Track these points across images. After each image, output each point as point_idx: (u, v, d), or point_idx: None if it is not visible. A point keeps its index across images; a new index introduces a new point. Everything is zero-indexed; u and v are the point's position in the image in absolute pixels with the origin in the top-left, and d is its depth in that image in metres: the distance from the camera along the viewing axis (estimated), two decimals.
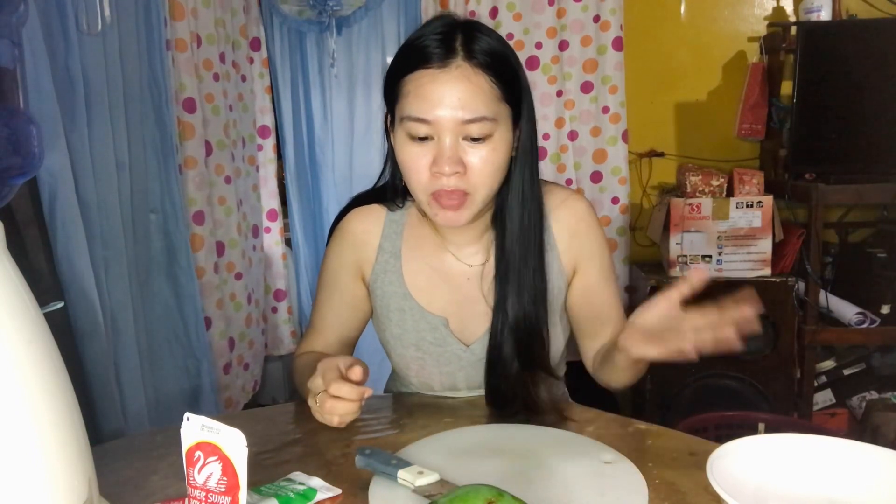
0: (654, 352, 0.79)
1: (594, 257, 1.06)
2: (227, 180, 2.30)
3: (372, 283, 1.09)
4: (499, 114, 0.92)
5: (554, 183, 1.10)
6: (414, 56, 0.93)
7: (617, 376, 1.00)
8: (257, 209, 2.63)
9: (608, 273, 1.08)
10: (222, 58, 2.29)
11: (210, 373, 2.08)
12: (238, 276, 2.37)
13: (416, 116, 0.91)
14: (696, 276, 0.80)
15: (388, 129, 1.02)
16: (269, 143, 2.68)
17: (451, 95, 0.89)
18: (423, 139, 0.92)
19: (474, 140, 0.91)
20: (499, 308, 1.00)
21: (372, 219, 1.09)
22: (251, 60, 2.59)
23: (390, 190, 1.07)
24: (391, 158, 1.04)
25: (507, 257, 1.00)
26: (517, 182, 0.99)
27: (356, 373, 0.83)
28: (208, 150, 2.20)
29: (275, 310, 2.76)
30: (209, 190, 2.19)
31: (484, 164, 0.92)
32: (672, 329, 0.79)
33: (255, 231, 2.60)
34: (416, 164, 0.93)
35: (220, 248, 2.28)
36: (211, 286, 2.17)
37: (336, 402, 0.82)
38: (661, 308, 0.81)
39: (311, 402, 0.88)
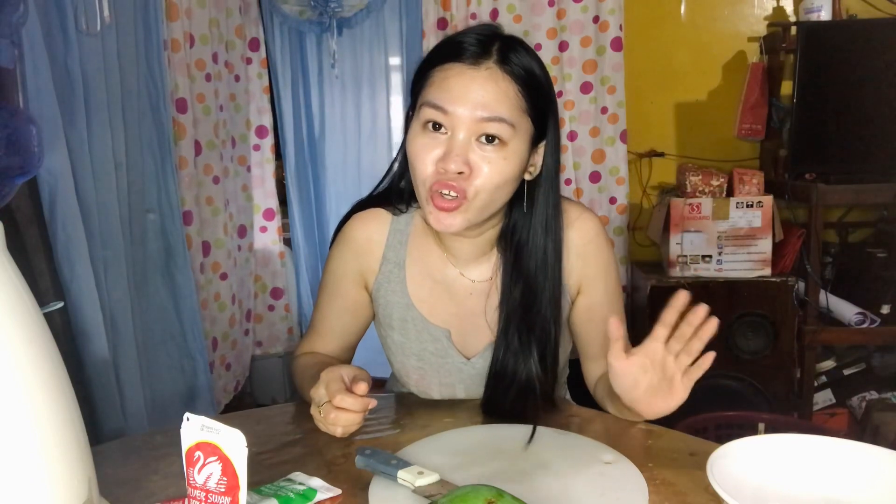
0: (668, 407, 0.86)
1: (600, 279, 1.04)
2: (216, 180, 2.31)
3: (375, 292, 1.08)
4: (519, 124, 0.90)
5: (565, 197, 1.07)
6: (448, 49, 0.92)
7: (623, 416, 0.98)
8: (247, 209, 2.63)
9: (613, 296, 1.06)
10: (215, 58, 2.30)
11: (206, 371, 2.08)
12: (223, 277, 2.38)
13: (435, 103, 0.89)
14: (681, 299, 0.82)
15: (407, 124, 1.00)
16: (267, 143, 2.68)
17: (475, 93, 0.88)
18: (436, 131, 0.90)
19: (488, 144, 0.89)
20: (503, 335, 0.99)
21: (376, 227, 1.07)
22: (248, 61, 2.59)
23: (395, 193, 1.06)
24: (402, 158, 1.03)
25: (528, 285, 0.98)
26: (542, 207, 0.97)
27: (361, 388, 0.83)
28: (198, 149, 2.21)
29: (272, 308, 2.76)
30: (198, 190, 2.20)
31: (492, 171, 0.89)
32: (661, 370, 0.84)
33: (243, 231, 2.59)
34: (424, 156, 0.91)
35: (206, 248, 2.28)
36: (196, 286, 2.18)
37: (340, 414, 0.82)
38: (643, 360, 0.85)
39: (314, 411, 0.87)
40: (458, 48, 0.91)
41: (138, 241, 1.87)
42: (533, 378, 0.97)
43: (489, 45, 0.90)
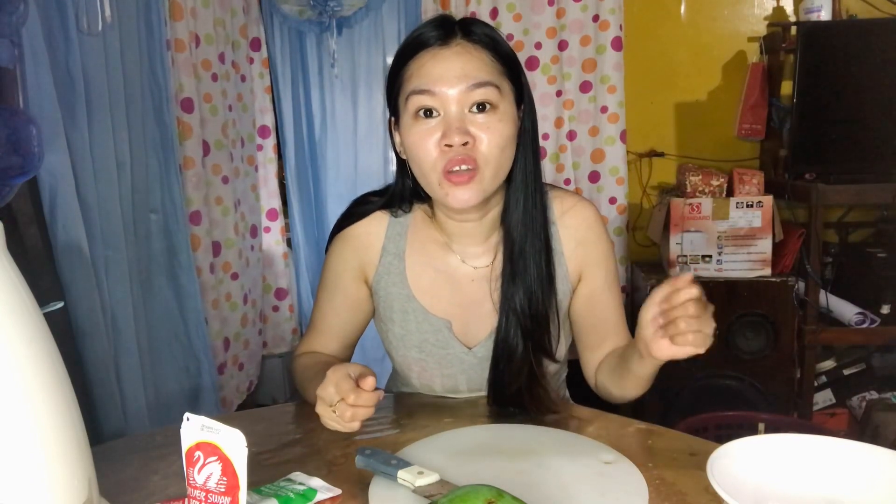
0: (682, 351, 0.81)
1: (600, 266, 1.05)
2: (225, 180, 2.30)
3: (375, 285, 1.08)
4: (502, 85, 0.94)
5: (562, 188, 1.10)
6: (413, 45, 0.95)
7: (630, 386, 0.98)
8: (256, 209, 2.63)
9: (613, 284, 1.07)
10: (221, 58, 2.29)
11: (210, 372, 2.08)
12: (234, 276, 2.37)
13: (420, 89, 0.92)
14: (683, 282, 0.79)
15: (392, 131, 1.02)
16: (270, 143, 2.67)
17: (454, 67, 0.92)
18: (429, 116, 0.93)
19: (480, 112, 0.92)
20: (506, 296, 1.00)
21: (375, 221, 1.08)
22: (251, 60, 2.59)
23: (397, 195, 1.07)
24: (398, 165, 1.05)
25: (512, 238, 1.00)
26: (521, 163, 0.99)
27: (369, 384, 0.84)
28: (206, 150, 2.20)
29: (276, 308, 2.76)
30: (206, 190, 2.20)
31: (492, 135, 0.92)
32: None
33: (254, 231, 2.60)
34: (425, 143, 0.93)
35: (217, 248, 2.28)
36: (206, 286, 2.17)
37: (357, 410, 0.84)
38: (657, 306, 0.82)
39: (321, 410, 0.87)
40: (421, 39, 0.95)
41: (142, 242, 1.86)
42: (526, 336, 0.98)
43: (449, 26, 0.95)
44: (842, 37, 2.25)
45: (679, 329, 0.78)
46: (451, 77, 0.91)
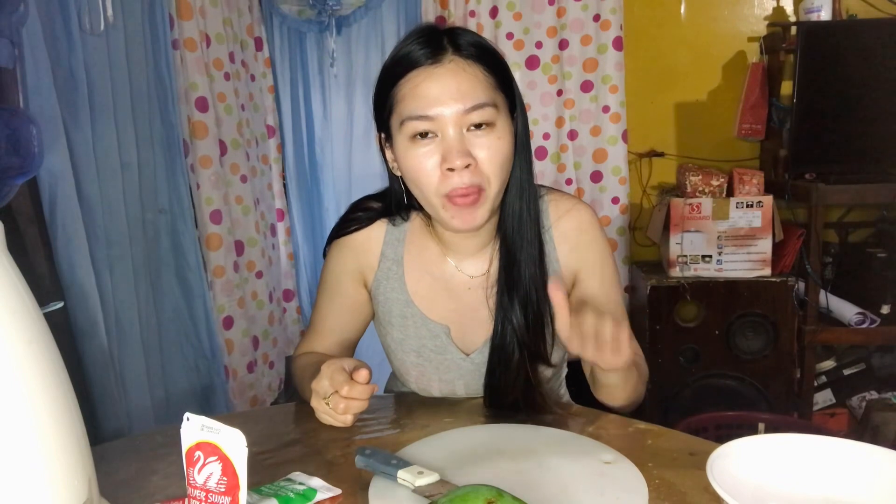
0: (615, 362, 0.81)
1: (595, 270, 1.04)
2: (243, 179, 2.30)
3: (374, 289, 1.09)
4: (498, 101, 0.92)
5: (558, 190, 1.09)
6: (403, 63, 0.92)
7: (607, 396, 0.97)
8: (273, 208, 2.63)
9: (610, 288, 1.05)
10: (232, 57, 2.29)
11: (221, 372, 2.08)
12: (259, 275, 2.37)
13: (417, 115, 0.89)
14: (553, 293, 0.80)
15: (383, 147, 1.01)
16: (274, 143, 2.67)
17: (450, 87, 0.89)
18: (426, 138, 0.90)
19: (478, 130, 0.90)
20: (501, 305, 1.00)
21: (374, 227, 1.08)
22: (255, 60, 2.59)
23: (395, 205, 1.06)
24: (391, 179, 1.04)
25: (507, 248, 0.99)
26: (516, 173, 0.98)
27: (362, 376, 0.85)
28: (223, 149, 2.19)
29: (284, 310, 2.75)
30: (225, 189, 2.19)
31: (493, 154, 0.91)
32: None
33: (273, 230, 2.60)
34: (424, 166, 0.91)
35: (240, 247, 2.27)
36: (231, 285, 2.17)
37: (350, 402, 0.84)
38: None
39: (315, 403, 0.87)
40: (411, 56, 0.91)
41: (150, 242, 1.86)
42: (522, 345, 0.98)
43: (438, 39, 0.91)
44: (842, 37, 2.25)
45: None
46: (448, 99, 0.88)
